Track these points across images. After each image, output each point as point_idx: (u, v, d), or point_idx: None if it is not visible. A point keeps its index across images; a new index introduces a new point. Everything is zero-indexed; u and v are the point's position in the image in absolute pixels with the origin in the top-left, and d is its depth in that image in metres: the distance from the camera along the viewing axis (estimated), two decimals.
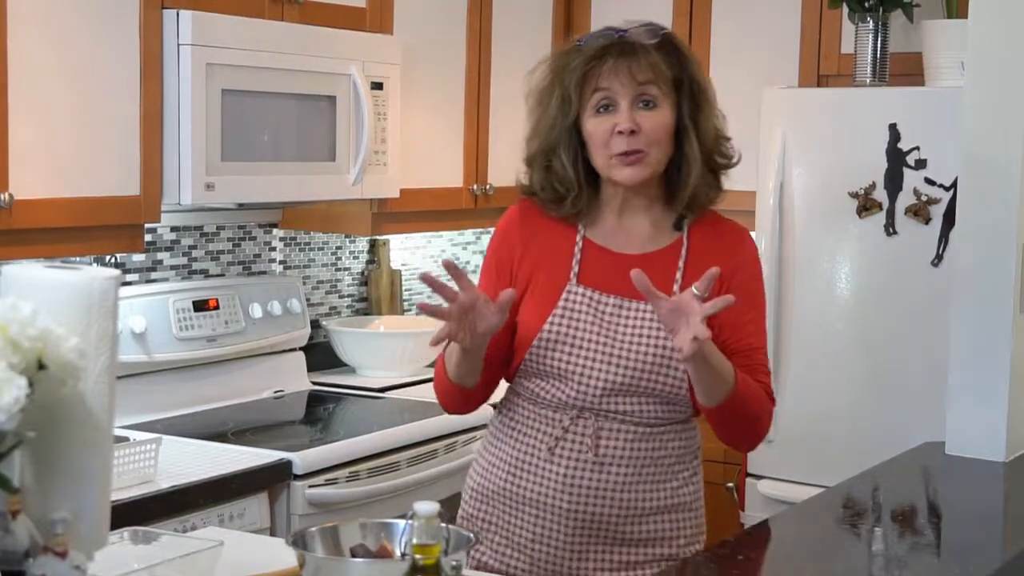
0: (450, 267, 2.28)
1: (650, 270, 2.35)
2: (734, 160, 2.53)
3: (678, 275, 2.46)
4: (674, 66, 2.45)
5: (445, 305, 2.30)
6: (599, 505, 2.43)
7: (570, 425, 2.45)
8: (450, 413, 2.66)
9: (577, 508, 2.42)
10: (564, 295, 2.47)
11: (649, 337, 2.42)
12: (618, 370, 2.42)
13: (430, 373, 2.80)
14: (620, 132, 2.39)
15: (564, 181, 2.48)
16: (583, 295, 2.47)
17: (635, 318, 2.44)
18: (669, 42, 2.47)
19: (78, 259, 3.29)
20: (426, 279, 2.28)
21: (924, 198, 3.83)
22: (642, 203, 2.49)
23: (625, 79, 2.41)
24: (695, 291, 2.22)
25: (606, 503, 2.43)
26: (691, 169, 2.44)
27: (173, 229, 3.83)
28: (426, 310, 2.29)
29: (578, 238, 2.52)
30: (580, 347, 2.44)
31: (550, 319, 2.46)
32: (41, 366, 1.66)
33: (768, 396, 2.43)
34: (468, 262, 4.85)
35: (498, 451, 2.56)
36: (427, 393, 3.14)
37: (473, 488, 2.58)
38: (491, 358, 2.45)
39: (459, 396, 2.53)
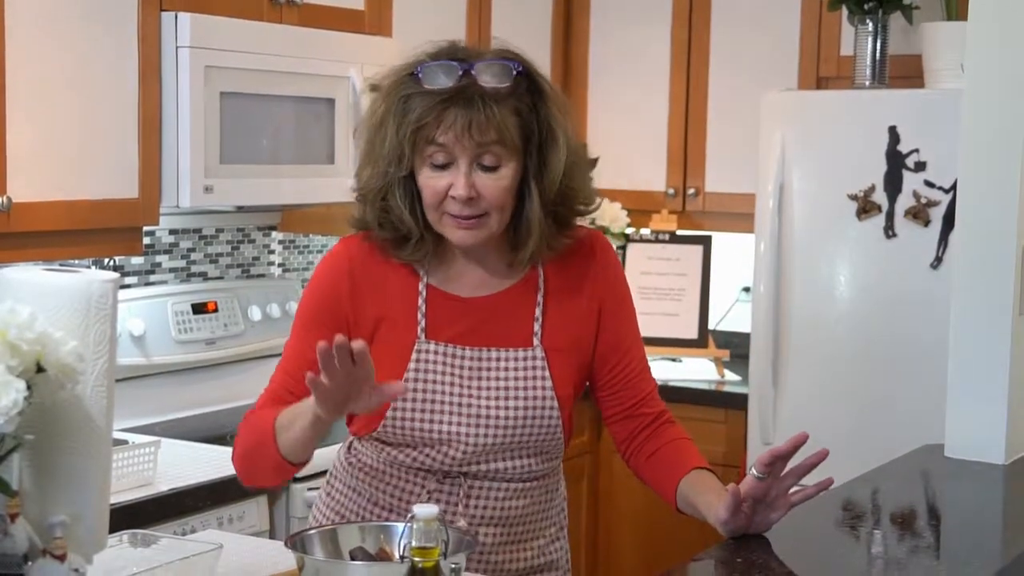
0: (342, 345, 1.93)
1: (505, 310, 2.27)
2: (590, 206, 2.29)
3: (538, 311, 2.27)
4: (524, 114, 2.16)
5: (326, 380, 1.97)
6: (470, 568, 2.21)
7: (436, 488, 2.26)
8: (247, 485, 2.36)
9: None
10: (414, 355, 2.22)
11: (516, 388, 2.23)
12: (487, 431, 2.22)
13: None
14: (454, 198, 2.13)
15: (404, 223, 2.21)
16: (435, 352, 2.23)
17: (497, 368, 2.24)
18: (524, 81, 2.17)
19: (76, 262, 3.30)
20: (322, 352, 1.94)
21: (923, 200, 3.83)
22: (488, 245, 2.24)
23: (466, 140, 2.10)
24: (756, 474, 2.10)
25: (479, 567, 2.27)
26: (531, 229, 2.20)
27: (172, 232, 3.83)
28: (322, 355, 1.94)
29: (421, 287, 2.25)
30: (441, 412, 2.22)
31: (403, 384, 2.14)
32: (40, 369, 1.68)
33: (679, 429, 2.36)
34: None
35: (350, 504, 2.35)
36: None
37: None
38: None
39: (281, 472, 2.22)
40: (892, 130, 3.87)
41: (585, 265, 2.31)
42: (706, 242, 4.69)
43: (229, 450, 3.23)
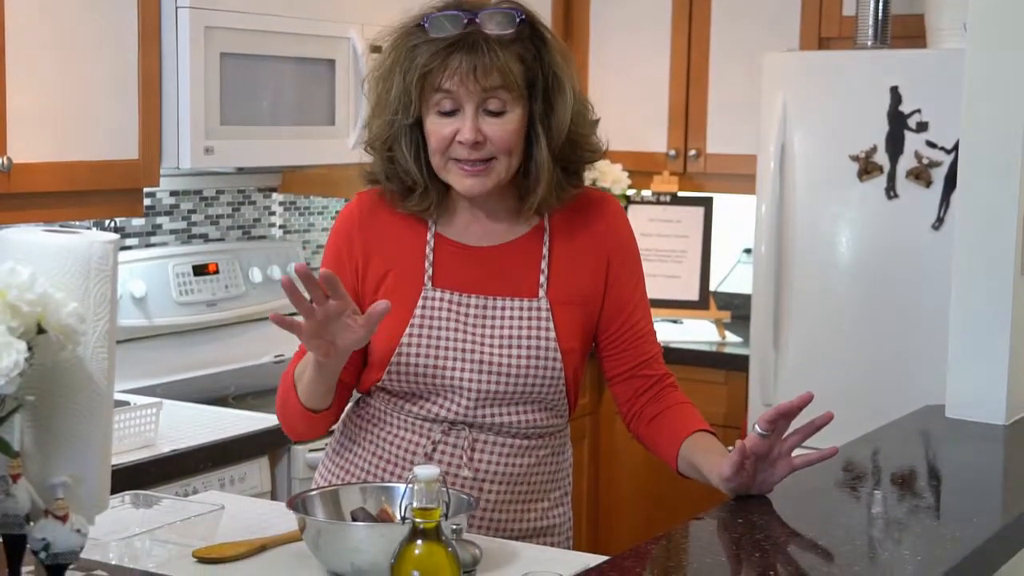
0: (304, 275, 1.99)
1: (512, 260, 2.29)
2: (597, 154, 2.33)
3: (543, 264, 2.29)
4: (529, 61, 2.19)
5: (301, 318, 2.03)
6: (472, 528, 2.23)
7: (441, 439, 2.27)
8: (294, 440, 2.39)
9: None
10: (420, 302, 2.26)
11: (520, 337, 2.25)
12: (491, 378, 2.24)
13: None
14: (461, 143, 2.17)
15: (409, 174, 2.24)
16: (441, 299, 2.26)
17: (502, 317, 2.26)
18: (526, 28, 2.21)
19: (77, 223, 3.30)
20: (285, 286, 1.99)
21: (925, 161, 3.84)
22: (495, 194, 2.26)
23: (471, 83, 2.14)
24: (759, 431, 2.11)
25: (482, 524, 2.28)
26: (540, 175, 2.23)
27: (172, 193, 3.84)
28: (280, 323, 1.99)
29: (429, 236, 2.29)
30: (446, 358, 2.24)
31: (408, 330, 2.24)
32: (40, 330, 1.67)
33: (682, 394, 2.38)
34: None
35: (356, 460, 2.36)
36: None
37: None
38: (343, 378, 2.23)
39: (307, 422, 2.27)
40: (894, 90, 3.87)
41: (596, 224, 2.33)
42: (707, 203, 4.70)
43: (229, 412, 3.32)
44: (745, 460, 2.14)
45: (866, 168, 3.91)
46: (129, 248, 3.68)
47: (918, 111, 3.84)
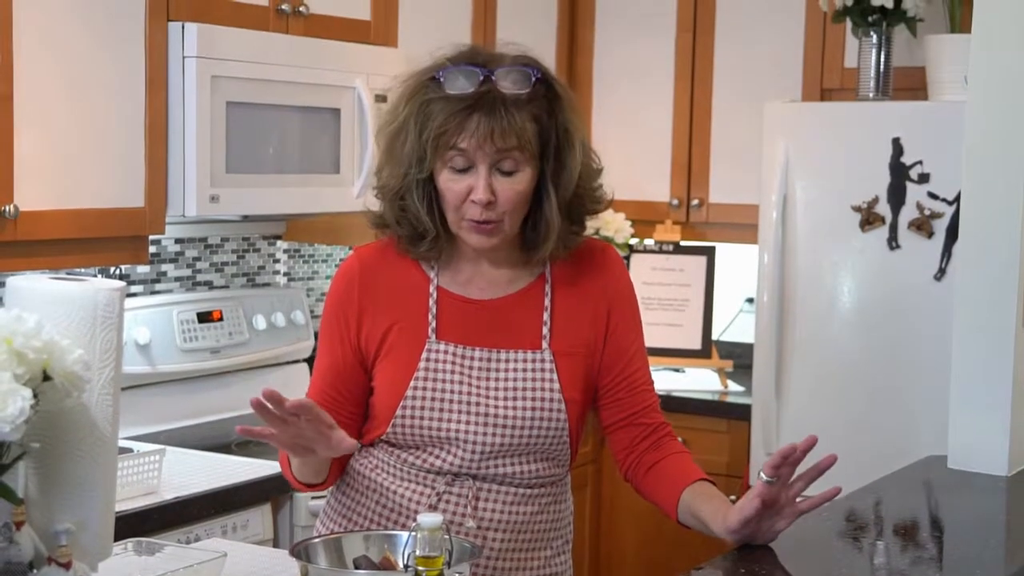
0: (273, 399, 1.98)
1: (514, 312, 2.30)
2: (602, 204, 2.35)
3: (546, 315, 2.30)
4: (543, 121, 2.21)
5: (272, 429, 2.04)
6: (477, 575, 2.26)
7: (445, 490, 2.27)
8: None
9: None
10: (424, 355, 2.25)
11: (525, 389, 2.26)
12: (495, 431, 2.24)
13: None
14: (474, 202, 2.18)
15: (421, 223, 2.25)
16: (445, 352, 2.26)
17: (506, 370, 2.27)
18: (541, 87, 2.22)
19: (83, 270, 3.30)
20: (254, 406, 1.99)
21: (927, 212, 3.84)
22: (501, 246, 2.27)
23: (487, 146, 2.15)
24: (765, 478, 2.12)
25: (486, 572, 2.28)
26: (549, 230, 2.24)
27: (177, 241, 3.85)
28: (249, 434, 2.01)
29: (431, 288, 2.29)
30: (451, 411, 2.24)
31: (412, 383, 2.24)
32: (46, 377, 1.67)
33: (680, 444, 2.38)
34: None
35: (359, 508, 2.36)
36: None
37: None
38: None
39: (306, 487, 2.32)
40: (895, 142, 3.88)
41: (596, 274, 2.35)
42: (710, 253, 4.70)
43: (232, 459, 3.31)
44: (757, 510, 2.14)
45: (868, 219, 3.91)
46: (134, 295, 3.69)
47: (919, 162, 3.85)
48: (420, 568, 1.68)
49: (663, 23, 4.69)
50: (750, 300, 4.65)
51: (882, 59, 4.07)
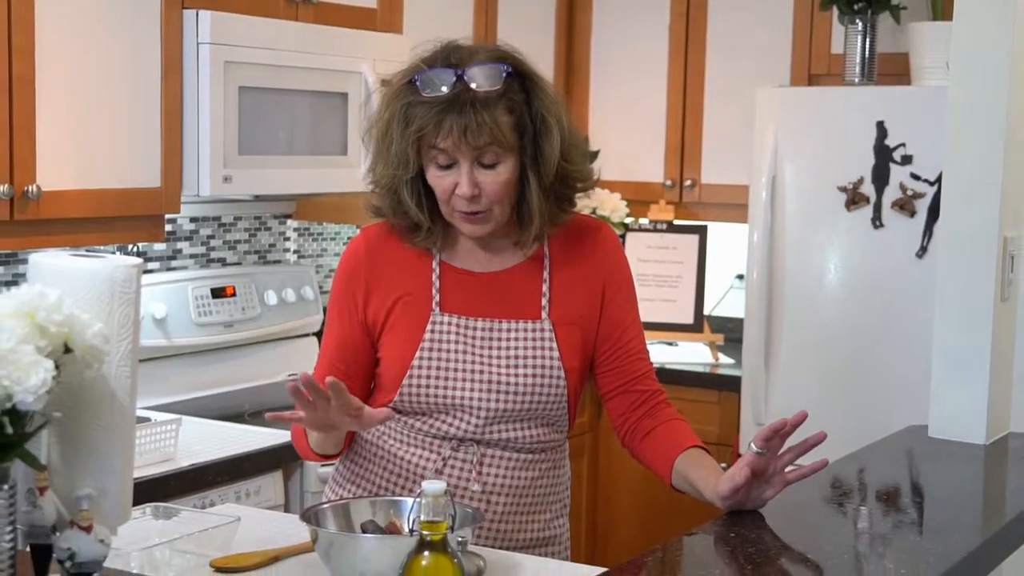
0: (310, 384, 2.05)
1: (514, 285, 2.35)
2: (588, 183, 2.38)
3: (544, 287, 2.36)
4: (518, 111, 2.23)
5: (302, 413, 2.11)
6: (480, 538, 2.31)
7: (451, 455, 2.33)
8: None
9: None
10: (429, 326, 2.31)
11: (526, 357, 2.31)
12: (498, 397, 2.30)
13: None
14: (460, 196, 2.24)
15: (414, 215, 2.32)
16: (449, 323, 2.32)
17: (507, 339, 2.32)
18: (515, 79, 2.24)
19: (102, 248, 3.33)
20: (291, 391, 2.06)
21: (910, 192, 3.87)
22: (495, 232, 2.34)
23: (462, 144, 2.19)
24: (756, 449, 2.15)
25: (489, 535, 2.33)
26: (532, 214, 2.29)
27: (192, 220, 3.86)
28: (280, 419, 2.10)
29: (434, 264, 2.35)
30: (455, 379, 2.30)
31: (418, 354, 2.30)
32: (67, 350, 1.69)
33: (675, 411, 2.42)
34: None
35: (366, 475, 2.41)
36: None
37: None
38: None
39: (322, 457, 2.39)
40: (880, 125, 3.91)
41: (591, 249, 2.40)
42: (702, 231, 4.71)
43: (245, 428, 3.31)
44: (747, 478, 2.19)
45: (853, 199, 3.95)
46: (150, 272, 3.70)
47: (903, 145, 3.88)
48: (424, 532, 1.67)
49: (658, 10, 4.70)
50: (740, 277, 4.68)
51: (867, 46, 4.08)
